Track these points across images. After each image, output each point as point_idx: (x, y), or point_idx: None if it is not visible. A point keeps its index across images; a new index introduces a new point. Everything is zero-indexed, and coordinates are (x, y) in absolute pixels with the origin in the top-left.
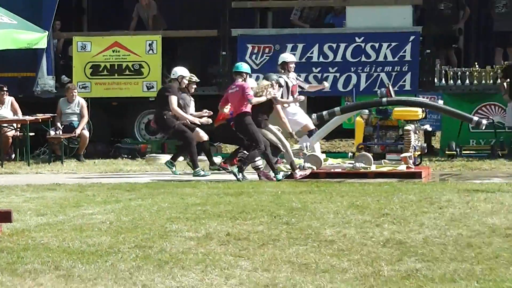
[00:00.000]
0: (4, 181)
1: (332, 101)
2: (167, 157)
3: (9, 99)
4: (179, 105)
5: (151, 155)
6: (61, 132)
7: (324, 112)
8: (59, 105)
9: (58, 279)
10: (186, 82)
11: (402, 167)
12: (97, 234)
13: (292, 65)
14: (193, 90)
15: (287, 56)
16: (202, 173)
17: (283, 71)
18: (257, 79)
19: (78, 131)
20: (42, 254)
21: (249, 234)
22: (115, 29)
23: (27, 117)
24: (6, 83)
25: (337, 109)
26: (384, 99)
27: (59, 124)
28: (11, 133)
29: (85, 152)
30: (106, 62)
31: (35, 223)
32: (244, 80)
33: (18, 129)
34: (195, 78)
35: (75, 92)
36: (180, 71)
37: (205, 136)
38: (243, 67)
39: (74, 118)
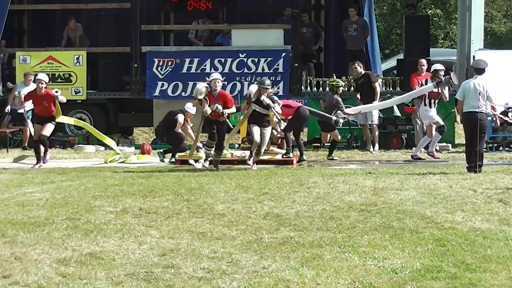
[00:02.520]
0: None
1: None
2: (91, 147)
3: None
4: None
5: (78, 145)
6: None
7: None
8: (15, 87)
9: (5, 244)
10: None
11: (278, 156)
12: (36, 208)
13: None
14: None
15: (438, 66)
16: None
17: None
18: (162, 86)
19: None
20: None
21: (157, 208)
22: (49, 46)
23: None
24: None
25: None
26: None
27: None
28: None
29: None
30: (42, 72)
31: None
32: None
33: None
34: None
35: (31, 77)
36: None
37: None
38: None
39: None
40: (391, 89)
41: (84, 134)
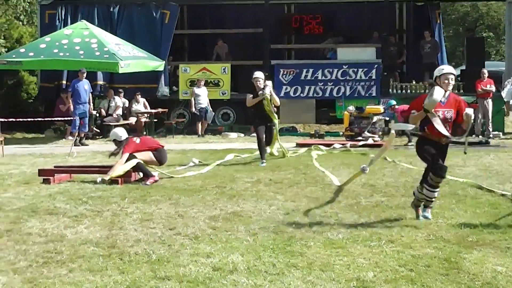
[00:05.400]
0: None
1: (331, 102)
2: (234, 134)
3: (142, 100)
4: None
5: (225, 132)
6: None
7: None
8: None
9: (171, 205)
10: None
11: (370, 141)
12: (193, 179)
13: None
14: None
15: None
16: None
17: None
18: (286, 89)
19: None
20: (161, 191)
21: (283, 179)
22: (203, 59)
23: (153, 110)
24: (140, 90)
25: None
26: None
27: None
28: (143, 119)
29: (187, 131)
30: (200, 78)
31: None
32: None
33: (147, 117)
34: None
35: (202, 82)
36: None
37: None
38: (392, 102)
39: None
40: (456, 91)
41: (229, 125)
